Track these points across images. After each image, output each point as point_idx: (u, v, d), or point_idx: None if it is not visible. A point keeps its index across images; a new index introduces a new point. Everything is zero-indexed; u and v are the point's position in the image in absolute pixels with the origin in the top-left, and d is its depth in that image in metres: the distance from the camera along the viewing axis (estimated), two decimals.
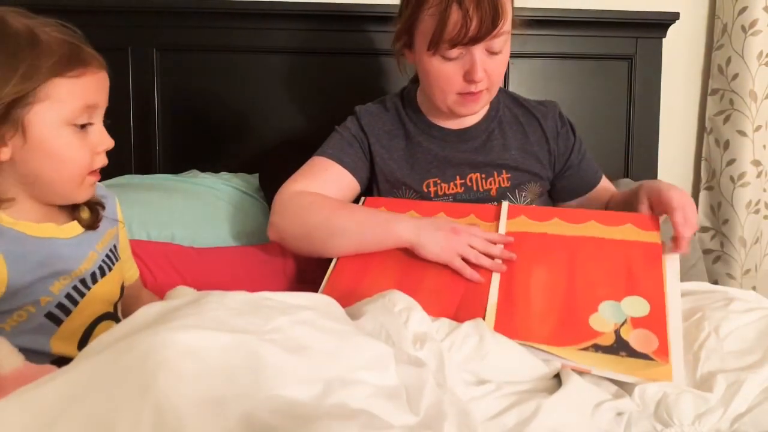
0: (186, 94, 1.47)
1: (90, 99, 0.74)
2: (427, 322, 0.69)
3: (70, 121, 0.72)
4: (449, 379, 0.62)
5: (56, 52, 0.70)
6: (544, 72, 1.58)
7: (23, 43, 0.69)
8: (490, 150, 1.09)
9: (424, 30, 0.95)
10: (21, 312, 0.75)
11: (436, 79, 0.99)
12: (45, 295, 0.76)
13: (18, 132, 0.69)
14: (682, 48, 1.69)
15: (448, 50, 0.94)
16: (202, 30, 1.44)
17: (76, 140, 0.74)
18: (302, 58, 1.49)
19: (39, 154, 0.71)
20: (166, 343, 0.46)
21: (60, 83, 0.70)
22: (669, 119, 1.68)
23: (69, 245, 0.80)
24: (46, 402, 0.44)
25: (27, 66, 0.68)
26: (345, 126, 1.12)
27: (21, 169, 0.72)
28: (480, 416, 0.62)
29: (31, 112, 0.69)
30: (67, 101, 0.71)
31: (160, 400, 0.42)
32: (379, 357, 0.54)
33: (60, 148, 0.72)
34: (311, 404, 0.46)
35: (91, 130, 0.76)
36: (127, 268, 0.97)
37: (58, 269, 0.77)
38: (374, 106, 1.15)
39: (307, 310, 0.56)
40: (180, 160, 1.46)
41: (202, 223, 1.20)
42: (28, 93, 0.68)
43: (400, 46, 1.04)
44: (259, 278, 1.14)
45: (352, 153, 1.08)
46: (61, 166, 0.73)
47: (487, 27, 0.91)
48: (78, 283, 0.80)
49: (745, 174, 1.62)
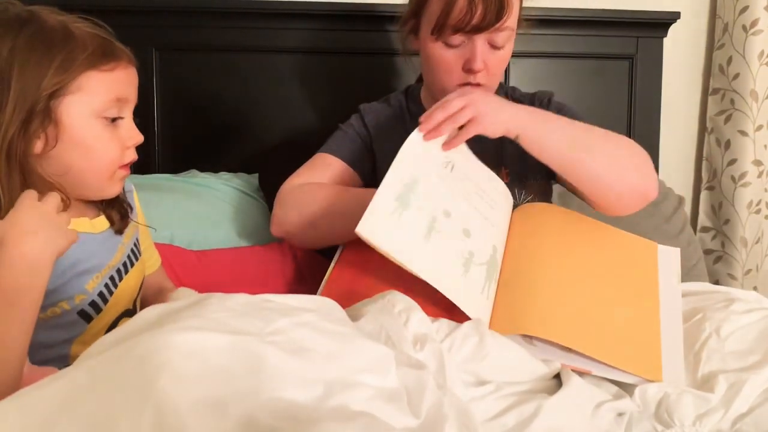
0: (186, 94, 1.47)
1: (121, 92, 0.75)
2: (426, 323, 0.69)
3: (100, 113, 0.73)
4: (449, 381, 0.62)
5: (89, 45, 0.72)
6: (544, 72, 1.57)
7: (58, 37, 0.70)
8: (487, 145, 1.07)
9: (431, 14, 0.97)
10: (55, 308, 0.76)
11: (437, 67, 1.00)
12: (80, 293, 0.78)
13: (51, 123, 0.70)
14: (683, 47, 1.69)
15: (451, 36, 0.96)
16: (202, 30, 1.44)
17: (107, 133, 0.75)
18: (302, 57, 1.49)
19: (70, 146, 0.72)
20: (167, 344, 0.46)
21: (93, 76, 0.72)
22: (670, 119, 1.67)
23: (100, 240, 0.81)
24: (47, 404, 0.44)
25: (62, 59, 0.69)
26: (349, 123, 1.13)
27: (53, 164, 0.73)
28: (480, 417, 0.62)
29: (63, 103, 0.70)
30: (98, 94, 0.73)
31: (161, 401, 0.42)
32: (380, 359, 0.54)
33: (91, 140, 0.73)
34: (312, 406, 0.46)
35: (121, 124, 0.77)
36: (149, 255, 0.98)
37: (92, 265, 0.79)
38: (378, 104, 1.16)
39: (309, 313, 0.56)
40: (179, 160, 1.46)
41: (201, 223, 1.20)
42: (63, 86, 0.70)
43: (406, 32, 1.06)
44: (259, 280, 1.14)
45: (354, 149, 1.09)
46: (92, 158, 0.74)
47: (491, 17, 0.93)
48: (108, 280, 0.81)
49: (746, 174, 1.62)
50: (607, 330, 0.76)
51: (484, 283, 0.80)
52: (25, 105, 0.68)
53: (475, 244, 0.82)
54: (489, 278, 0.81)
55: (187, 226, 1.18)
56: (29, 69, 0.68)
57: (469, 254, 0.80)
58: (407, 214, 0.78)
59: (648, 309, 0.81)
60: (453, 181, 0.86)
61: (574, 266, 0.85)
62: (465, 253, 0.79)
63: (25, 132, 0.69)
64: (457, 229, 0.81)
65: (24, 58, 0.68)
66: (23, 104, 0.68)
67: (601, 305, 0.80)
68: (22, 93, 0.68)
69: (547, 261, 0.85)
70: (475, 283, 0.79)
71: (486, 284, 0.80)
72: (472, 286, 0.78)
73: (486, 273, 0.81)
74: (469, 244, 0.81)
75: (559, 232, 0.91)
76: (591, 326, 0.76)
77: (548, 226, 0.92)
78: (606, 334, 0.76)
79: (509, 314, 0.78)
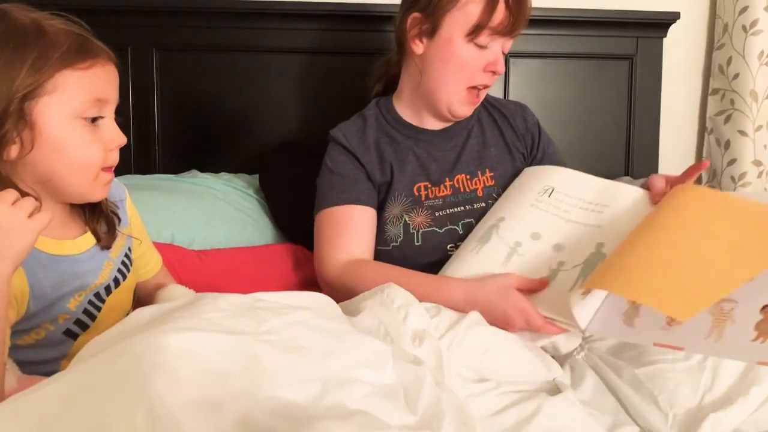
0: (186, 94, 1.47)
1: (100, 92, 0.71)
2: (426, 318, 0.69)
3: (79, 114, 0.69)
4: (448, 378, 0.62)
5: (63, 43, 0.67)
6: (544, 72, 1.57)
7: (30, 35, 0.66)
8: (471, 148, 1.10)
9: (467, 15, 0.97)
10: (39, 330, 0.73)
11: (460, 68, 1.00)
12: (63, 313, 0.74)
13: (26, 127, 0.66)
14: (683, 48, 1.69)
15: (488, 37, 0.97)
16: (202, 30, 1.44)
17: (87, 134, 0.70)
18: (303, 57, 1.49)
19: (48, 150, 0.68)
20: (161, 345, 0.46)
21: (69, 75, 0.67)
22: (669, 119, 1.67)
23: (84, 260, 0.77)
24: (41, 407, 0.44)
25: (35, 58, 0.65)
26: (332, 159, 1.08)
27: (31, 170, 0.69)
28: (478, 414, 0.62)
29: (39, 105, 0.66)
30: (76, 94, 0.68)
31: (156, 402, 0.41)
32: (375, 354, 0.54)
33: (70, 143, 0.69)
34: (308, 405, 0.46)
35: (102, 125, 0.72)
36: (147, 260, 0.94)
37: (75, 286, 0.75)
38: (352, 124, 1.12)
39: (302, 310, 0.56)
40: (180, 160, 1.46)
41: (201, 223, 1.19)
42: (37, 86, 0.65)
43: (415, 34, 1.03)
44: (259, 280, 1.14)
45: (358, 185, 1.05)
46: (72, 162, 0.70)
47: (522, 22, 0.98)
48: (93, 297, 0.78)
49: (745, 174, 1.62)
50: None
51: (575, 281, 0.83)
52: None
53: (567, 254, 0.88)
54: (584, 273, 0.83)
55: (188, 226, 1.18)
56: (1, 69, 0.64)
57: (558, 264, 0.87)
58: (486, 247, 0.93)
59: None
60: (548, 205, 0.96)
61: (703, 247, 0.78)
62: (554, 265, 0.87)
63: None
64: (546, 247, 0.90)
65: None
66: None
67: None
68: None
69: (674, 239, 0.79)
70: (563, 284, 0.83)
71: (579, 281, 0.83)
72: (557, 289, 0.83)
73: (580, 271, 0.84)
74: (559, 255, 0.88)
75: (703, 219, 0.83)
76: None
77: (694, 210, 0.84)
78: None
79: (616, 274, 0.75)
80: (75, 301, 0.75)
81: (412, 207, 1.04)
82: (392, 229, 1.04)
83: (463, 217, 1.04)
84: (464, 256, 0.95)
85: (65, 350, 0.76)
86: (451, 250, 1.02)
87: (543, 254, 0.89)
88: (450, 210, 1.05)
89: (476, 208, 1.05)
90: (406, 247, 1.03)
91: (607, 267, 0.77)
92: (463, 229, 1.03)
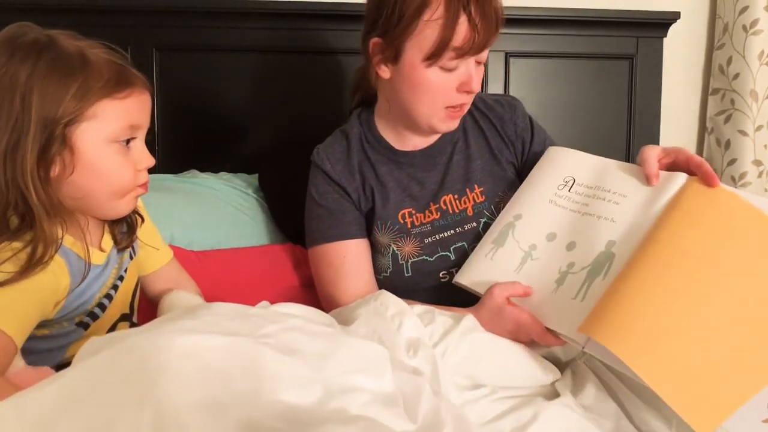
0: (186, 94, 1.47)
1: (134, 119, 0.76)
2: (419, 327, 0.68)
3: (114, 140, 0.74)
4: (444, 386, 0.62)
5: (105, 73, 0.72)
6: (544, 72, 1.57)
7: (75, 64, 0.71)
8: (456, 165, 1.04)
9: (423, 40, 0.89)
10: (57, 325, 0.77)
11: (430, 93, 0.93)
12: (83, 313, 0.79)
13: (66, 150, 0.71)
14: (683, 47, 1.69)
15: (451, 60, 0.89)
16: (202, 30, 1.44)
17: (120, 156, 0.75)
18: (303, 57, 1.49)
19: (86, 171, 0.73)
20: (167, 346, 0.46)
21: (108, 104, 0.72)
22: (670, 119, 1.67)
23: (104, 266, 0.82)
24: (45, 405, 0.45)
25: (78, 87, 0.70)
26: (317, 189, 1.03)
27: (74, 188, 0.73)
28: (474, 421, 0.62)
29: (78, 129, 0.71)
30: (112, 121, 0.73)
31: (161, 403, 0.42)
32: (374, 356, 0.54)
33: (105, 166, 0.74)
34: (311, 409, 0.46)
35: (134, 146, 0.77)
36: (154, 250, 0.97)
37: (95, 291, 0.80)
38: (337, 144, 1.06)
39: (295, 318, 0.56)
40: (179, 160, 1.45)
41: (201, 223, 1.20)
42: (79, 113, 0.70)
43: (378, 60, 0.95)
44: (259, 280, 1.14)
45: (345, 217, 1.01)
46: (107, 182, 0.75)
47: (490, 34, 0.89)
48: (110, 290, 0.82)
49: (746, 174, 1.62)
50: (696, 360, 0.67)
51: (579, 287, 0.81)
52: (45, 131, 0.68)
53: (578, 253, 0.85)
54: (590, 278, 0.81)
55: (188, 226, 1.18)
56: (48, 95, 0.68)
57: (568, 266, 0.85)
58: (501, 251, 0.91)
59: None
60: (567, 200, 0.92)
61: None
62: (564, 266, 0.85)
63: (44, 157, 0.69)
64: (559, 248, 0.88)
65: (43, 85, 0.68)
66: (43, 130, 0.68)
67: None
68: (42, 118, 0.68)
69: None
70: (568, 291, 0.82)
71: (584, 286, 0.81)
72: (562, 297, 0.82)
73: (586, 275, 0.82)
74: (570, 256, 0.86)
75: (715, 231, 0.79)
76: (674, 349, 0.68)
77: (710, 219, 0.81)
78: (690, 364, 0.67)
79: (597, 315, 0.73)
80: (96, 300, 0.80)
81: (399, 236, 1.00)
82: (382, 259, 1.01)
83: (454, 242, 1.00)
84: (479, 261, 0.93)
85: (74, 339, 0.80)
86: (443, 277, 1.00)
87: (555, 255, 0.87)
88: (440, 235, 1.00)
89: (467, 230, 1.00)
90: (397, 279, 1.00)
91: (619, 324, 0.69)
92: (456, 254, 0.99)
